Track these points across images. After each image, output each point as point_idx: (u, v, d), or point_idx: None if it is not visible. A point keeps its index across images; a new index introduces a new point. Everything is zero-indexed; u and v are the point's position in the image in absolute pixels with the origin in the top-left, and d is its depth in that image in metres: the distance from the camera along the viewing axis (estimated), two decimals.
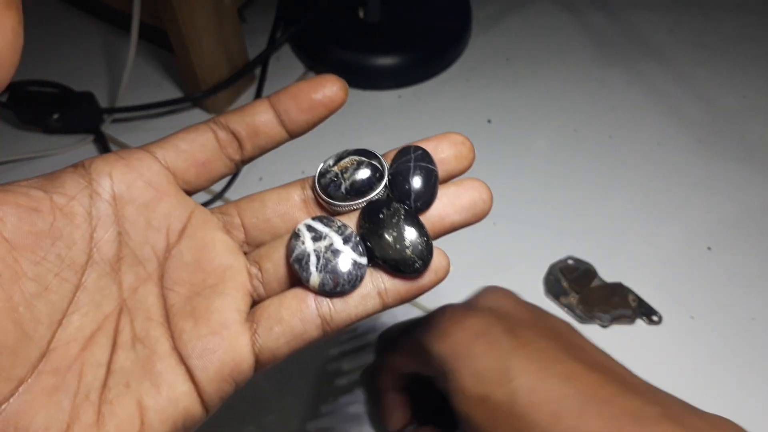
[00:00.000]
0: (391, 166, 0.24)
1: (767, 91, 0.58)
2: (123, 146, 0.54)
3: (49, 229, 0.20)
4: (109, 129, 0.55)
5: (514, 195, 0.51)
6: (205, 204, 0.51)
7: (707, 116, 0.57)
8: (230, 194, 0.52)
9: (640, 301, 0.46)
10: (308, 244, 0.22)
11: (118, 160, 0.22)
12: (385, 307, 0.23)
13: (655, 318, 0.45)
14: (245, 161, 0.24)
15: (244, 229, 0.24)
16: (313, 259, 0.22)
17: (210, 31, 0.51)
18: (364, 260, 0.22)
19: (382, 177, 0.23)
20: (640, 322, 0.45)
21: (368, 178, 0.23)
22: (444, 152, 0.24)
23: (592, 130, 0.56)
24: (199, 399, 0.21)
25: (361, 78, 0.58)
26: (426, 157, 0.24)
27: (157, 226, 0.22)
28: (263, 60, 0.57)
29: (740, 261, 0.48)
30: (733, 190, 0.52)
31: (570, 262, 0.47)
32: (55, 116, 0.52)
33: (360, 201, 0.23)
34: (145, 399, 0.20)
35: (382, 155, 0.24)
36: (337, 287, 0.22)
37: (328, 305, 0.22)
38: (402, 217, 0.22)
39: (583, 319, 0.45)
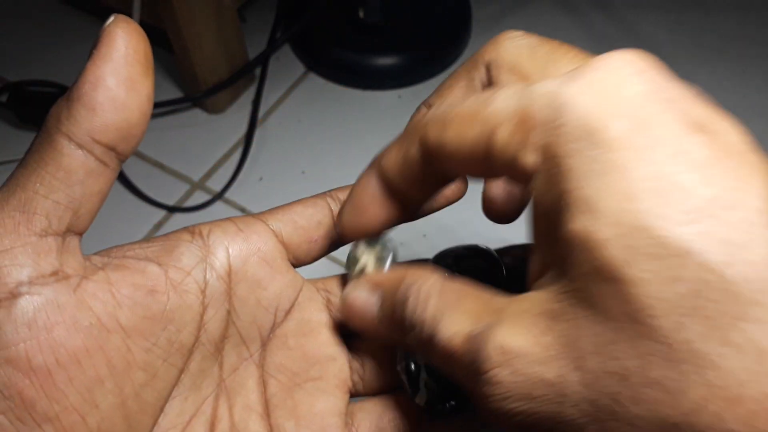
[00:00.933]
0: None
1: (767, 91, 0.58)
2: None
3: (163, 312, 0.18)
4: None
5: None
6: (205, 204, 0.51)
7: None
8: (230, 194, 0.52)
9: None
10: (419, 355, 0.20)
11: (238, 233, 0.20)
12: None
13: None
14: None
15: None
16: (423, 374, 0.20)
17: (210, 31, 0.51)
18: None
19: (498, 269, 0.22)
20: None
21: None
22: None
23: None
24: None
25: (361, 78, 0.58)
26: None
27: (267, 305, 0.21)
28: (263, 60, 0.57)
29: None
30: None
31: None
32: None
33: None
34: None
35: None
36: (445, 407, 0.20)
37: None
38: None
39: None
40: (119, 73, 0.16)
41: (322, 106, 0.57)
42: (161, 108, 0.55)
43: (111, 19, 0.16)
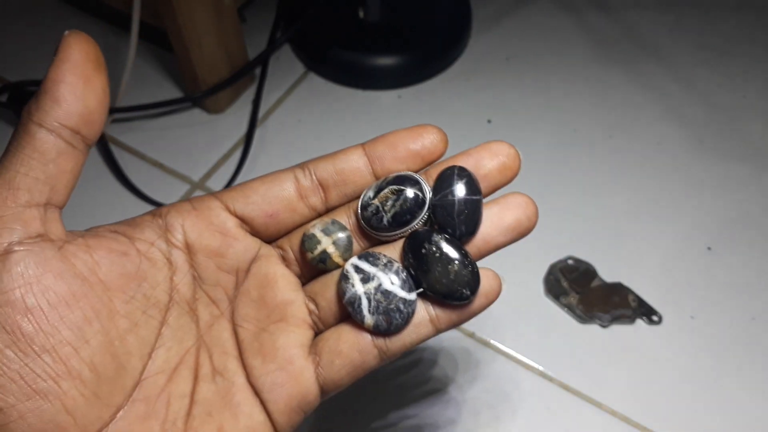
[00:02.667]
0: (433, 193, 0.23)
1: (767, 91, 0.58)
2: (123, 146, 0.54)
3: (137, 272, 0.22)
4: (109, 129, 0.55)
5: None
6: None
7: (707, 116, 0.57)
8: None
9: (640, 301, 0.46)
10: (358, 286, 0.23)
11: (191, 210, 0.23)
12: (439, 332, 0.24)
13: (655, 318, 0.45)
14: (329, 209, 0.25)
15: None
16: (364, 302, 0.23)
17: (210, 31, 0.51)
18: (413, 296, 0.23)
19: (423, 204, 0.23)
20: (640, 322, 0.45)
21: (409, 209, 0.23)
22: (486, 166, 0.24)
23: (592, 130, 0.56)
24: (273, 429, 0.23)
25: (361, 78, 0.58)
26: (470, 183, 0.23)
27: (227, 269, 0.24)
28: (263, 60, 0.57)
29: (740, 261, 0.48)
30: (733, 190, 0.52)
31: (570, 262, 0.47)
32: None
33: (404, 230, 0.24)
34: (225, 427, 0.22)
35: (423, 173, 0.24)
36: (390, 326, 0.23)
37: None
38: (443, 249, 0.23)
39: (583, 319, 0.45)
40: (75, 71, 0.20)
41: (322, 106, 0.57)
42: (161, 108, 0.55)
43: (66, 32, 0.20)
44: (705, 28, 0.63)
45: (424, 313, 0.23)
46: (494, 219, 0.23)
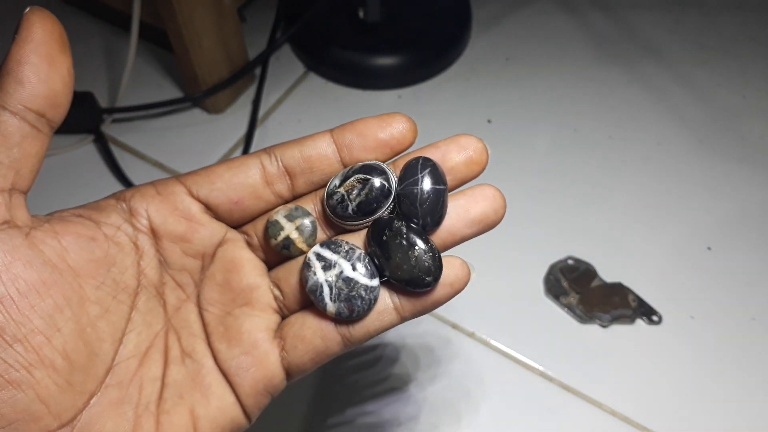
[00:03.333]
0: (399, 183, 0.23)
1: (767, 91, 0.58)
2: (123, 146, 0.54)
3: (105, 257, 0.22)
4: (109, 129, 0.55)
5: (514, 195, 0.51)
6: None
7: (707, 116, 0.57)
8: None
9: (640, 301, 0.46)
10: (319, 274, 0.23)
11: (155, 195, 0.23)
12: (403, 319, 0.23)
13: (655, 318, 0.45)
14: (296, 197, 0.24)
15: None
16: (326, 290, 0.23)
17: (210, 31, 0.51)
18: (375, 282, 0.23)
19: (389, 194, 0.23)
20: (640, 322, 0.45)
21: (374, 198, 0.23)
22: (453, 159, 0.23)
23: (592, 130, 0.56)
24: (242, 410, 0.23)
25: (361, 78, 0.58)
26: (434, 173, 0.23)
27: (192, 253, 0.24)
28: (263, 60, 0.57)
29: (740, 261, 0.48)
30: (733, 190, 0.52)
31: (570, 262, 0.47)
32: None
33: (368, 220, 0.23)
34: (197, 409, 0.22)
35: (390, 164, 0.24)
36: (352, 314, 0.23)
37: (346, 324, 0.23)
38: (405, 236, 0.22)
39: (583, 319, 0.45)
40: (39, 51, 0.19)
41: (322, 106, 0.57)
42: (161, 108, 0.55)
43: (27, 9, 0.19)
44: (705, 28, 0.63)
45: (388, 300, 0.23)
46: (460, 211, 0.23)
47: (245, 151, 0.53)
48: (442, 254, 0.23)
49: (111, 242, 0.22)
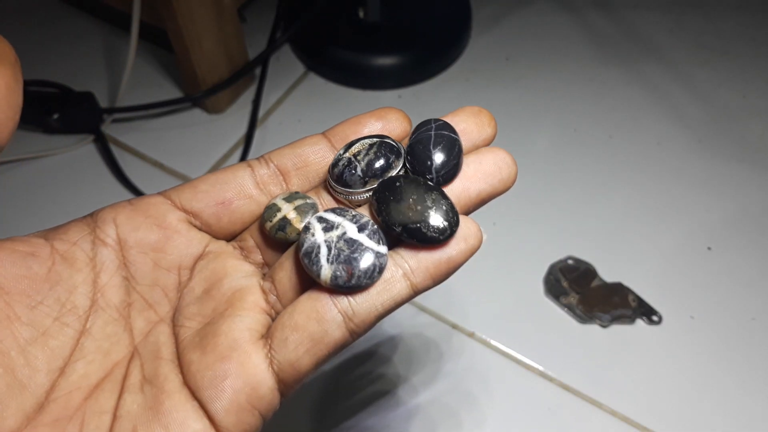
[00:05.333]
0: (410, 137, 0.22)
1: (767, 91, 0.58)
2: (123, 146, 0.54)
3: (47, 274, 0.19)
4: (109, 129, 0.55)
5: (514, 195, 0.51)
6: None
7: (707, 116, 0.57)
8: None
9: (640, 301, 0.46)
10: (318, 235, 0.19)
11: (126, 205, 0.21)
12: (415, 290, 0.20)
13: (655, 318, 0.45)
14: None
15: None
16: (323, 250, 0.19)
17: (210, 31, 0.51)
18: (383, 248, 0.19)
19: (399, 154, 0.21)
20: (640, 322, 0.45)
21: (385, 157, 0.21)
22: (463, 123, 0.22)
23: (592, 130, 0.56)
24: None
25: (361, 78, 0.58)
26: (447, 126, 0.21)
27: (167, 266, 0.21)
28: (263, 60, 0.57)
29: (740, 261, 0.48)
30: (733, 190, 0.52)
31: (570, 262, 0.47)
32: (55, 116, 0.52)
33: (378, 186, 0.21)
34: None
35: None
36: (351, 279, 0.19)
37: (347, 298, 0.19)
38: (418, 182, 0.20)
39: (583, 319, 0.45)
40: None
41: (322, 106, 0.57)
42: (161, 108, 0.55)
43: None
44: (705, 28, 0.63)
45: (395, 268, 0.19)
46: (471, 166, 0.21)
47: (245, 151, 0.53)
48: None
49: (58, 258, 0.19)
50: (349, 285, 0.19)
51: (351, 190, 0.21)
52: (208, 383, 0.18)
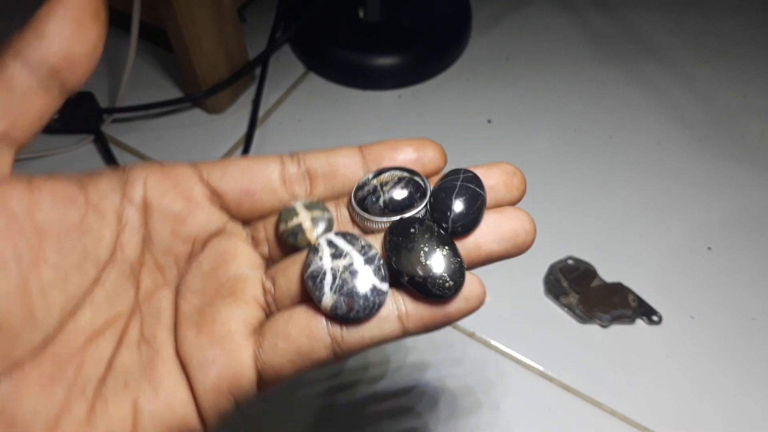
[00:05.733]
0: (438, 182, 0.22)
1: (767, 91, 0.58)
2: (123, 146, 0.54)
3: (80, 222, 0.20)
4: (109, 129, 0.55)
5: None
6: None
7: (707, 116, 0.57)
8: None
9: (640, 301, 0.46)
10: (326, 260, 0.20)
11: (158, 168, 0.22)
12: (405, 333, 0.20)
13: (655, 318, 0.45)
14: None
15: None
16: (329, 277, 0.20)
17: (210, 31, 0.51)
18: (384, 286, 0.20)
19: (424, 196, 0.21)
20: (640, 322, 0.45)
21: (409, 195, 0.21)
22: (494, 179, 0.22)
23: (592, 130, 0.56)
24: (196, 411, 0.20)
25: (361, 78, 0.58)
26: (474, 179, 0.21)
27: (184, 236, 0.22)
28: (263, 60, 0.57)
29: (740, 261, 0.48)
30: (733, 190, 0.52)
31: (570, 262, 0.47)
32: (55, 116, 0.52)
33: (396, 218, 0.21)
34: (141, 401, 0.19)
35: (428, 179, 0.23)
36: (350, 312, 0.20)
37: (340, 326, 0.20)
38: (431, 233, 0.20)
39: (583, 319, 0.45)
40: (69, 13, 0.18)
41: (322, 106, 0.57)
42: (161, 108, 0.55)
43: None
44: (705, 28, 0.63)
45: (393, 307, 0.20)
46: (490, 225, 0.21)
47: (245, 151, 0.53)
48: None
49: (91, 208, 0.20)
50: (347, 317, 0.20)
51: (369, 217, 0.22)
52: (198, 363, 0.20)
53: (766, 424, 0.41)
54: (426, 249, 0.20)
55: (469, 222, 0.21)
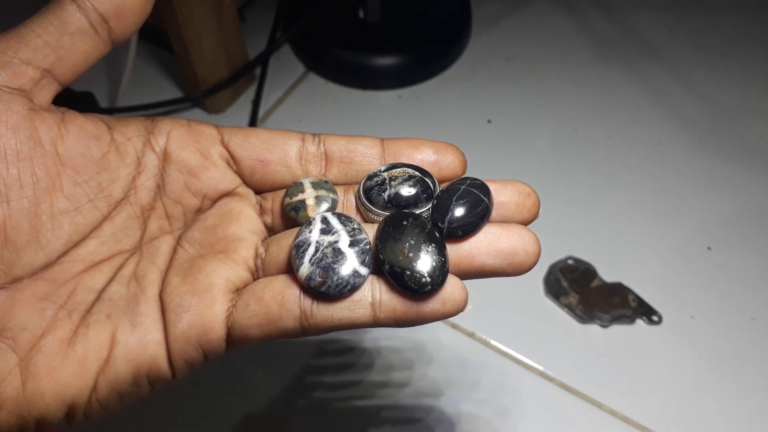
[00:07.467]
0: (442, 187, 0.22)
1: (767, 91, 0.58)
2: None
3: (100, 159, 0.21)
4: None
5: None
6: None
7: (707, 116, 0.57)
8: None
9: (640, 301, 0.46)
10: (314, 234, 0.21)
11: (183, 124, 0.23)
12: (375, 321, 0.20)
13: (655, 318, 0.45)
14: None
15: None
16: (311, 249, 0.20)
17: (210, 31, 0.51)
18: (364, 270, 0.20)
19: (430, 198, 0.21)
20: (640, 322, 0.45)
21: (415, 195, 0.21)
22: (506, 196, 0.22)
23: (592, 130, 0.56)
24: (167, 355, 0.20)
25: (361, 78, 0.58)
26: (481, 186, 0.21)
27: (195, 190, 0.23)
28: (263, 60, 0.57)
29: (740, 261, 0.48)
30: (733, 190, 0.52)
31: (570, 262, 0.47)
32: None
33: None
34: (119, 333, 0.20)
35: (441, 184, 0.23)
36: (322, 286, 0.20)
37: (312, 300, 0.20)
38: (426, 230, 0.20)
39: (583, 319, 0.45)
40: None
41: (322, 106, 0.57)
42: (161, 108, 0.55)
43: None
44: (705, 28, 0.63)
45: (367, 293, 0.20)
46: (489, 237, 0.21)
47: None
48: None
49: (114, 148, 0.22)
50: (319, 290, 0.20)
51: (371, 207, 0.22)
52: (174, 307, 0.21)
53: (766, 424, 0.41)
54: (412, 242, 0.20)
55: (467, 225, 0.20)
